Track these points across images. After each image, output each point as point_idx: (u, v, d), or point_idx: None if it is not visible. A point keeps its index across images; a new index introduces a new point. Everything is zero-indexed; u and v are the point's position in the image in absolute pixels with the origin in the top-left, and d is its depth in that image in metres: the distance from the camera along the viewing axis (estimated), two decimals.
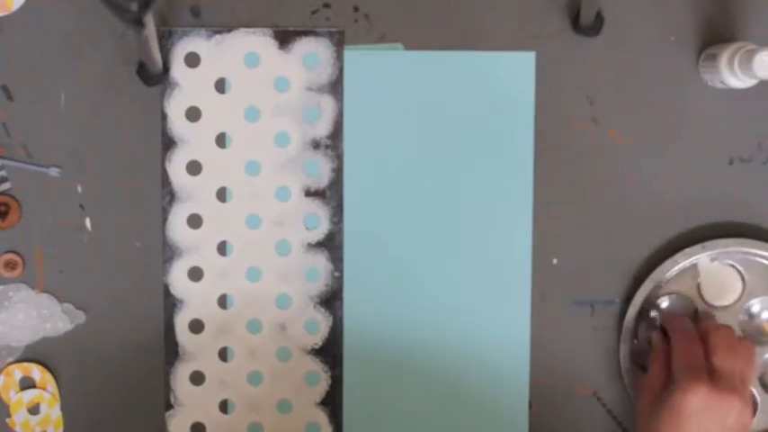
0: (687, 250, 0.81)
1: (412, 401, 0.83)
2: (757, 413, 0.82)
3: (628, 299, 0.82)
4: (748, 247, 0.81)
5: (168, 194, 0.82)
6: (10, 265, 0.82)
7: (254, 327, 0.83)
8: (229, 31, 0.81)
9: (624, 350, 0.81)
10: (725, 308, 0.82)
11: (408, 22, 0.82)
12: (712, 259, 0.82)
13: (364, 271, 0.82)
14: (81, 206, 0.82)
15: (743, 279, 0.82)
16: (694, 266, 0.82)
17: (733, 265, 0.82)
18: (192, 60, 0.81)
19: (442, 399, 0.83)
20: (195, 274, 0.82)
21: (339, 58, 0.82)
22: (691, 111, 0.83)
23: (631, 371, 0.81)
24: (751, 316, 0.83)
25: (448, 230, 0.82)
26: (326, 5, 0.82)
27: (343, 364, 0.83)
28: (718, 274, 0.82)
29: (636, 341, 0.82)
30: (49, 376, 0.82)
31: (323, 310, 0.83)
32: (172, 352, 0.82)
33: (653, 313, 0.82)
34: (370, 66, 0.82)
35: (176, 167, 0.82)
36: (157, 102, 0.82)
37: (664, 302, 0.82)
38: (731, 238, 0.81)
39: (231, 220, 0.82)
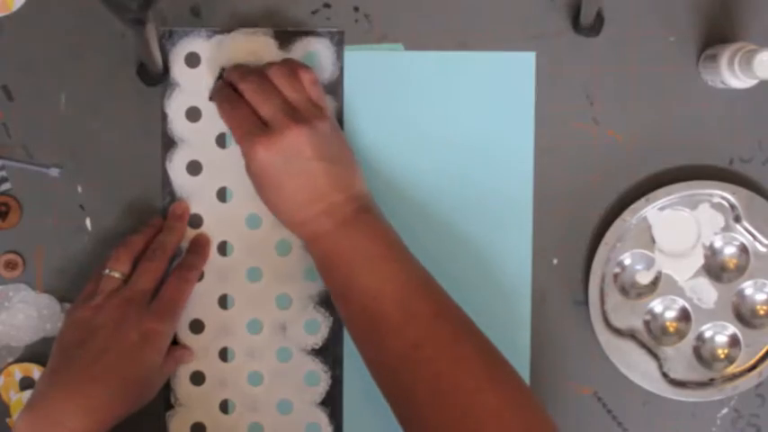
0: (633, 206, 0.81)
1: None
2: (741, 348, 0.82)
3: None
4: (690, 189, 0.81)
5: (168, 194, 0.82)
6: (10, 265, 0.82)
7: (254, 327, 0.83)
8: (229, 31, 0.81)
9: (595, 311, 0.82)
10: (687, 251, 0.82)
11: (408, 22, 0.82)
12: (661, 209, 0.82)
13: None
14: (81, 206, 0.82)
15: (696, 221, 0.82)
16: (645, 220, 0.82)
17: (683, 210, 0.82)
18: (192, 60, 0.81)
19: None
20: None
21: (339, 58, 0.82)
22: (691, 111, 0.83)
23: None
24: (714, 252, 0.83)
25: (448, 230, 0.82)
26: (327, 5, 0.82)
27: (343, 364, 0.83)
28: (668, 223, 0.82)
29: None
30: None
31: (323, 310, 0.83)
32: None
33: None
34: (370, 66, 0.82)
35: (176, 167, 0.82)
36: (157, 102, 0.82)
37: (626, 260, 0.82)
38: (672, 185, 0.81)
39: (231, 220, 0.82)
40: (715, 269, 0.83)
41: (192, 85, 0.81)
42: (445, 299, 0.74)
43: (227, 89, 0.78)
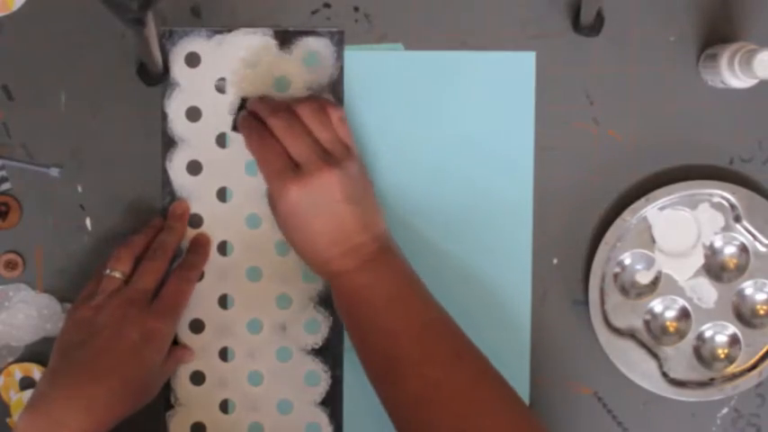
0: (633, 206, 0.81)
1: None
2: (741, 347, 0.82)
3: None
4: (690, 189, 0.81)
5: (168, 194, 0.82)
6: (10, 265, 0.82)
7: (254, 327, 0.83)
8: (229, 31, 0.81)
9: (595, 311, 0.82)
10: (687, 251, 0.82)
11: (408, 22, 0.82)
12: (661, 209, 0.82)
13: None
14: (81, 206, 0.82)
15: (696, 220, 0.82)
16: (645, 220, 0.82)
17: (683, 210, 0.82)
18: (192, 60, 0.81)
19: None
20: None
21: (339, 58, 0.82)
22: (691, 111, 0.83)
23: None
24: (714, 252, 0.83)
25: (448, 230, 0.82)
26: (327, 5, 0.82)
27: (344, 364, 0.83)
28: (668, 222, 0.82)
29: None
30: None
31: (323, 310, 0.83)
32: None
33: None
34: (370, 66, 0.82)
35: (176, 167, 0.82)
36: (157, 102, 0.82)
37: (626, 260, 0.82)
38: (672, 185, 0.81)
39: (231, 220, 0.82)
40: (715, 269, 0.83)
41: (192, 85, 0.81)
42: (464, 338, 0.74)
43: (255, 121, 0.77)
